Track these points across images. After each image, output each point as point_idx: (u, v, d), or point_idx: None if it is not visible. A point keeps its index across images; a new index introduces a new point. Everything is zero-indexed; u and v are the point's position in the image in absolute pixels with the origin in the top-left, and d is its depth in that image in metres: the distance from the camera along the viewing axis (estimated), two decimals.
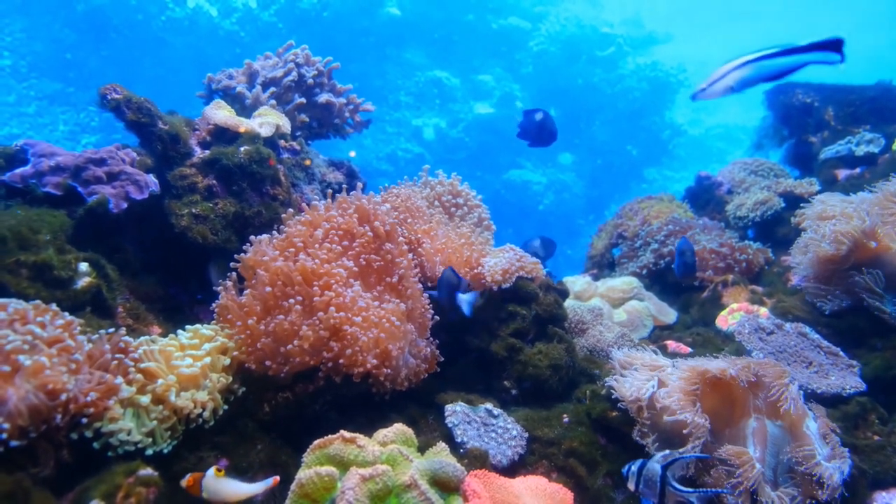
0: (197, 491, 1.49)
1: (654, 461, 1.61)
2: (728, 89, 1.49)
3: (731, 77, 1.46)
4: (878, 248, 2.45)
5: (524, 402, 2.22)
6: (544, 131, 2.61)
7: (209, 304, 2.09)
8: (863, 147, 3.81)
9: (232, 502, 1.51)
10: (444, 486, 1.46)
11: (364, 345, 1.82)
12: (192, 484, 1.49)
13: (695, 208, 4.37)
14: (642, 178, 15.86)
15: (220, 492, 1.49)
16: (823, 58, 1.40)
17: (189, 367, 1.73)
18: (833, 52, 1.37)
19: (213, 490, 1.48)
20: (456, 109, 14.38)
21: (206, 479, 1.49)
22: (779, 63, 1.45)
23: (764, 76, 1.47)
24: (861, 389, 2.26)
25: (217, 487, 1.48)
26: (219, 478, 1.49)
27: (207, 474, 1.49)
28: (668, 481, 1.56)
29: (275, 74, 3.08)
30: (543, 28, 15.26)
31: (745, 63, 1.44)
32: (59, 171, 2.18)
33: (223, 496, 1.49)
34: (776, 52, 1.44)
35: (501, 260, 2.42)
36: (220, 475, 1.49)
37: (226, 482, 1.49)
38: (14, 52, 12.02)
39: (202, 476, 1.50)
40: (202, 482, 1.48)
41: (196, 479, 1.49)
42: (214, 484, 1.48)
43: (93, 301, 1.93)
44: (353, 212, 2.16)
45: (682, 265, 2.75)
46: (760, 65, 1.45)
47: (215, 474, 1.48)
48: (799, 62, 1.43)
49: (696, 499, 1.56)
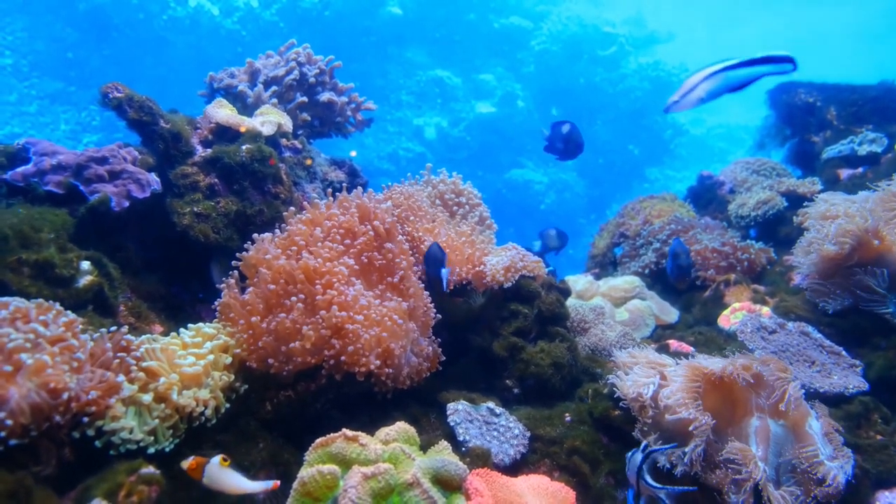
0: (198, 475, 1.47)
1: (639, 451, 1.65)
2: (699, 100, 1.54)
3: (701, 88, 1.51)
4: (881, 247, 2.44)
5: (526, 400, 2.22)
6: (571, 143, 2.58)
7: (211, 303, 2.08)
8: (865, 147, 3.80)
9: (228, 493, 1.49)
10: (447, 484, 1.46)
11: (366, 343, 1.81)
12: (194, 467, 1.48)
13: (697, 208, 4.36)
14: (644, 178, 15.85)
15: (221, 481, 1.47)
16: (779, 69, 1.48)
17: (191, 365, 1.72)
18: (787, 63, 1.46)
19: (215, 478, 1.47)
20: (457, 109, 14.38)
21: (210, 466, 1.47)
22: (742, 74, 1.52)
23: (729, 86, 1.53)
24: (864, 389, 2.25)
25: (219, 476, 1.47)
26: (223, 467, 1.47)
27: (212, 461, 1.48)
28: (641, 475, 1.59)
29: (276, 73, 3.07)
30: (545, 27, 15.26)
31: (713, 74, 1.50)
32: (60, 170, 2.18)
33: (222, 486, 1.47)
34: (738, 63, 1.51)
35: (503, 258, 2.41)
36: (224, 465, 1.47)
37: (229, 473, 1.48)
38: (15, 51, 12.03)
39: (206, 462, 1.48)
40: (205, 468, 1.47)
41: (199, 464, 1.48)
42: (217, 472, 1.47)
43: (94, 299, 1.93)
44: (355, 210, 2.16)
45: (675, 268, 2.72)
46: (726, 75, 1.52)
47: (220, 463, 1.47)
48: (759, 73, 1.51)
49: (665, 496, 1.58)
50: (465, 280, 2.37)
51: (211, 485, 1.47)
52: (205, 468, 1.47)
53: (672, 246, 2.71)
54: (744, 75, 1.54)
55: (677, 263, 2.70)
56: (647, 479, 1.60)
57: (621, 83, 15.12)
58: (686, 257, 2.73)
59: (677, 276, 2.74)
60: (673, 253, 2.72)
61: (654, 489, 1.59)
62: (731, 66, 1.51)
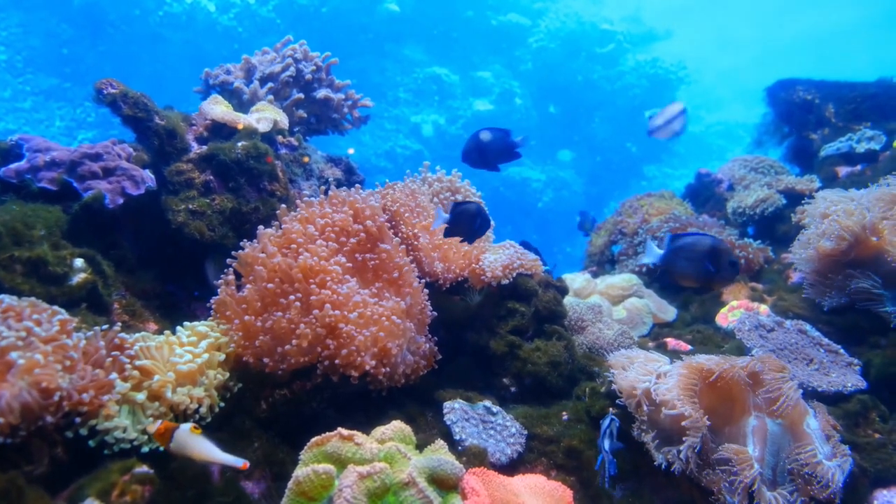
0: (165, 441, 1.44)
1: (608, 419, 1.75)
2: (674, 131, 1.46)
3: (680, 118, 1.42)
4: (879, 244, 2.44)
5: (523, 399, 2.21)
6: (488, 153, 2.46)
7: (206, 301, 2.07)
8: (863, 144, 3.79)
9: (197, 461, 1.46)
10: (443, 483, 1.45)
11: (361, 344, 1.80)
12: (162, 432, 1.44)
13: (695, 205, 4.36)
14: (642, 176, 15.87)
15: (189, 447, 1.43)
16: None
17: (186, 363, 1.71)
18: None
19: (183, 443, 1.43)
20: (455, 106, 14.37)
21: (179, 431, 1.44)
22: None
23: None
24: (862, 387, 2.25)
25: (189, 442, 1.43)
26: (194, 434, 1.44)
27: (182, 427, 1.45)
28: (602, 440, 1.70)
29: (273, 70, 3.06)
30: (543, 25, 15.25)
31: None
32: (54, 167, 2.16)
33: (191, 453, 1.44)
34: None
35: (501, 256, 2.40)
36: (196, 432, 1.44)
37: (199, 440, 1.44)
38: (10, 47, 11.97)
39: (175, 427, 1.45)
40: (174, 432, 1.44)
41: (168, 429, 1.44)
42: (187, 438, 1.43)
43: (88, 297, 1.91)
44: (348, 208, 2.15)
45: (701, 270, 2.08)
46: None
47: (191, 430, 1.44)
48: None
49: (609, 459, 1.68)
50: (461, 278, 2.36)
51: (178, 451, 1.44)
52: (173, 433, 1.44)
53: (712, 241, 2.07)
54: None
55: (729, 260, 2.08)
56: (604, 444, 1.68)
57: (619, 80, 15.13)
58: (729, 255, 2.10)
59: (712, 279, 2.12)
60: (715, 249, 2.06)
61: (603, 452, 1.69)
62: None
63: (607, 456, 1.67)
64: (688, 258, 2.00)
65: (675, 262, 2.03)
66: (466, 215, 2.20)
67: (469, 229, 2.20)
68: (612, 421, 1.75)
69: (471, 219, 2.18)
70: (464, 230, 2.21)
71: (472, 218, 2.19)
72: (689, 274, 2.02)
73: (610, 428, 1.72)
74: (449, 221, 2.19)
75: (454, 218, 2.19)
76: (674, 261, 2.03)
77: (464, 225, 2.19)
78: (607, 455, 1.68)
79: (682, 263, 2.02)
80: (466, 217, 2.20)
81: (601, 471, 1.70)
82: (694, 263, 2.00)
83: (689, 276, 2.03)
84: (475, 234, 2.24)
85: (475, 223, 2.20)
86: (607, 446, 1.69)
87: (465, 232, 2.22)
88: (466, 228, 2.20)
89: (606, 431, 1.71)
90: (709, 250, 1.98)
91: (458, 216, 2.18)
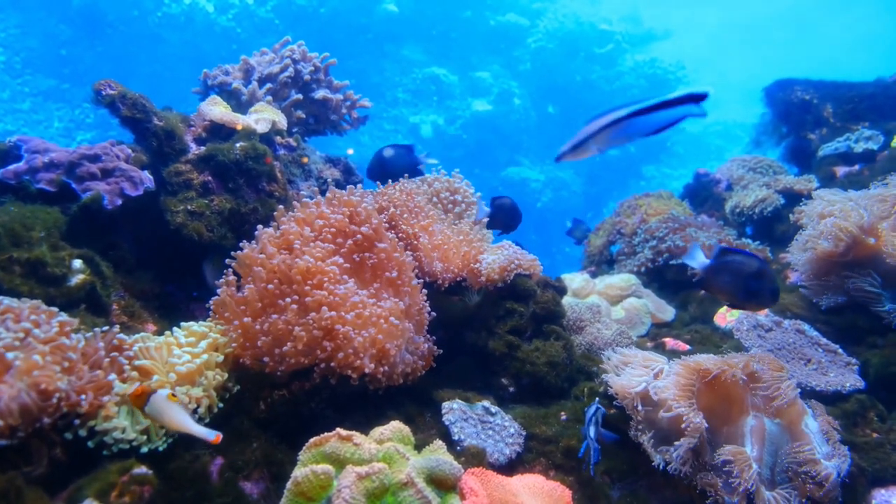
0: (140, 403, 1.43)
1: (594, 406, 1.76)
2: (598, 151, 1.42)
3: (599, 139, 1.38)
4: (877, 245, 2.44)
5: (522, 399, 2.21)
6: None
7: (205, 302, 2.07)
8: (861, 144, 3.80)
9: (169, 428, 1.45)
10: (441, 484, 1.45)
11: (360, 346, 1.80)
12: (139, 394, 1.43)
13: (693, 205, 4.36)
14: (641, 176, 15.87)
15: (164, 414, 1.42)
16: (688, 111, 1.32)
17: (185, 364, 1.71)
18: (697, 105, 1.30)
19: (158, 409, 1.42)
20: (454, 106, 14.36)
21: (156, 396, 1.43)
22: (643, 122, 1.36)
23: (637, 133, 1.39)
24: (860, 387, 2.25)
25: (164, 409, 1.42)
26: (170, 401, 1.43)
27: (159, 392, 1.44)
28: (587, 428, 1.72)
29: (271, 70, 3.06)
30: (541, 25, 15.25)
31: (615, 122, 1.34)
32: (53, 168, 2.16)
33: (164, 419, 1.43)
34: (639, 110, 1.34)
35: (499, 257, 2.40)
36: (172, 399, 1.43)
37: (175, 408, 1.43)
38: (8, 48, 11.97)
39: (152, 391, 1.44)
40: (150, 397, 1.42)
41: (144, 392, 1.43)
42: (162, 404, 1.42)
43: (87, 298, 1.92)
44: (346, 209, 2.15)
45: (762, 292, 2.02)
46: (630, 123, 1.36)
47: (168, 397, 1.43)
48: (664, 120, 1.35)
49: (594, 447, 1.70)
50: (460, 278, 2.36)
51: (152, 415, 1.43)
52: (149, 397, 1.43)
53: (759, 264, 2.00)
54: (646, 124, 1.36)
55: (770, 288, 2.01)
56: (589, 431, 1.71)
57: (618, 81, 15.14)
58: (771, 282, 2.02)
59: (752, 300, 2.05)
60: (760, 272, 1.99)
61: (588, 439, 1.71)
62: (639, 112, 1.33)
63: (592, 443, 1.69)
64: (732, 275, 2.00)
65: (719, 275, 2.02)
66: (504, 209, 2.34)
67: (506, 221, 2.32)
68: (597, 409, 1.76)
69: (509, 211, 2.29)
70: (501, 222, 2.34)
71: (509, 211, 2.30)
72: (729, 290, 2.02)
73: (595, 416, 1.73)
74: (490, 215, 2.31)
75: (494, 211, 2.32)
76: (717, 273, 2.03)
77: (502, 217, 2.33)
78: (592, 442, 1.69)
79: (726, 278, 2.02)
80: (505, 210, 2.34)
81: (585, 457, 1.71)
82: (737, 282, 1.99)
83: (728, 292, 2.03)
84: (511, 227, 2.38)
85: (511, 216, 2.34)
86: (592, 433, 1.71)
87: (503, 224, 2.35)
88: (504, 220, 2.33)
89: (591, 419, 1.73)
90: (754, 272, 1.97)
91: (497, 210, 2.31)
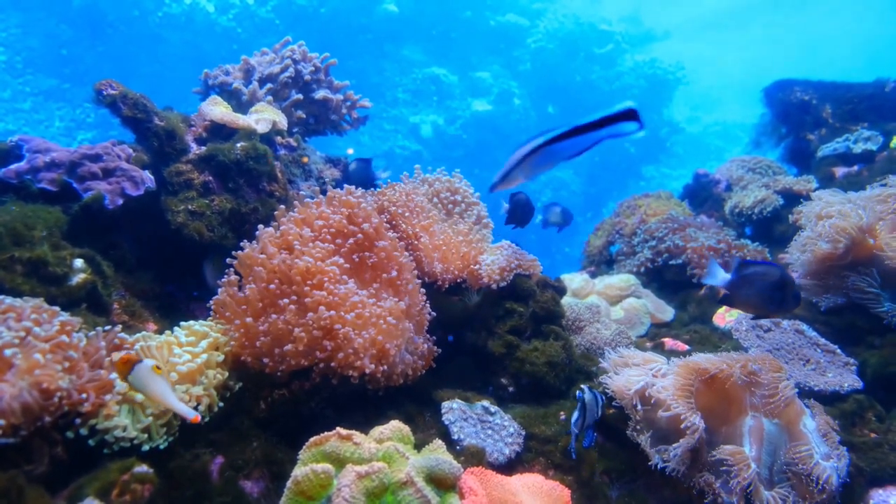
0: (125, 371, 1.42)
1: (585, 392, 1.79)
2: (526, 179, 1.43)
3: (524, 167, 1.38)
4: (875, 246, 2.45)
5: (521, 399, 2.22)
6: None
7: (205, 301, 2.07)
8: (860, 144, 3.81)
9: (151, 400, 1.44)
10: (441, 483, 1.45)
11: (360, 346, 1.80)
12: (125, 361, 1.43)
13: (693, 206, 4.37)
14: (640, 176, 15.89)
15: (147, 385, 1.42)
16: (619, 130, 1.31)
17: (185, 363, 1.72)
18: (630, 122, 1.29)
19: (142, 380, 1.42)
20: (454, 106, 14.37)
21: (141, 365, 1.42)
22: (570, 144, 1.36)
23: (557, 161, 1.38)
24: (858, 387, 2.26)
25: (147, 380, 1.41)
26: (154, 372, 1.42)
27: (145, 362, 1.43)
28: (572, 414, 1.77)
29: (271, 71, 3.06)
30: (541, 25, 15.27)
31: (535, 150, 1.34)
32: (54, 167, 2.17)
33: (146, 390, 1.43)
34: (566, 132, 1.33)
35: (499, 257, 2.41)
36: (157, 371, 1.43)
37: (157, 380, 1.42)
38: (9, 48, 11.97)
39: (138, 360, 1.43)
40: (135, 366, 1.42)
41: (130, 360, 1.42)
42: (147, 376, 1.41)
43: (88, 297, 1.92)
44: (345, 210, 2.15)
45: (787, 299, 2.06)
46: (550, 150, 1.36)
47: (153, 368, 1.42)
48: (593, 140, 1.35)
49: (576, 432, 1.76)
50: (460, 278, 2.37)
51: (135, 385, 1.43)
52: (135, 366, 1.42)
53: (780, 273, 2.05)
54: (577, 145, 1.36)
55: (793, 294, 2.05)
56: (573, 417, 1.75)
57: (617, 81, 15.15)
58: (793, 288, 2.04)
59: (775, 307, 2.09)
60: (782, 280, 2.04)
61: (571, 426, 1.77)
62: (557, 139, 1.33)
63: (573, 429, 1.74)
64: (755, 287, 2.02)
65: (742, 288, 2.04)
66: (521, 205, 2.44)
67: (521, 216, 2.41)
68: (583, 395, 1.79)
69: (524, 207, 2.39)
70: (519, 217, 2.43)
71: (524, 206, 2.40)
72: (754, 302, 2.04)
73: (583, 400, 1.76)
74: (509, 211, 2.54)
75: (513, 207, 2.41)
76: (740, 287, 2.05)
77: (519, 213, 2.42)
78: (574, 428, 1.74)
79: (749, 291, 2.04)
80: (521, 206, 2.45)
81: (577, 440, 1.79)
82: (760, 293, 2.01)
83: (753, 304, 2.05)
84: (524, 221, 2.48)
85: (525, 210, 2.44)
86: (575, 417, 1.75)
87: (519, 219, 2.44)
88: (520, 216, 2.42)
89: (580, 404, 1.76)
90: (777, 281, 2.00)
91: (515, 205, 2.41)
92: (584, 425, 1.75)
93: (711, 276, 2.10)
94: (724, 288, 2.08)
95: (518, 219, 2.57)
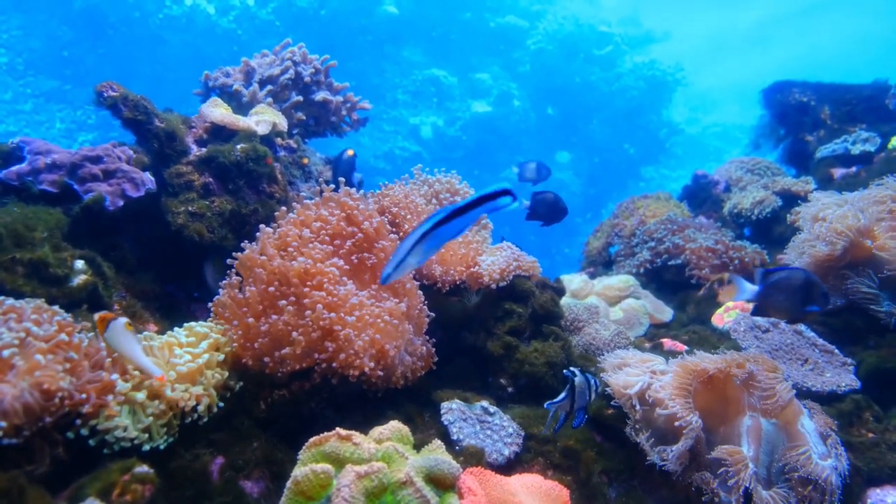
0: (102, 328, 1.49)
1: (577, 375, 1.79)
2: (418, 263, 1.48)
3: (415, 253, 1.43)
4: (874, 247, 2.46)
5: (520, 399, 2.22)
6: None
7: (206, 302, 2.08)
8: (859, 146, 3.82)
9: (123, 358, 1.51)
10: (440, 483, 1.46)
11: (360, 348, 1.81)
12: (102, 319, 1.50)
13: (691, 207, 4.38)
14: (640, 177, 15.90)
15: (118, 343, 1.49)
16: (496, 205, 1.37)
17: (186, 364, 1.72)
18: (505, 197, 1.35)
19: (115, 338, 1.48)
20: (453, 108, 14.39)
21: (115, 322, 1.48)
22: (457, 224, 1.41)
23: (446, 238, 1.44)
24: (856, 387, 2.27)
25: (119, 336, 1.49)
26: (126, 330, 1.48)
27: (119, 320, 1.49)
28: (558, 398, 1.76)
29: (272, 72, 3.07)
30: (541, 26, 15.28)
31: (423, 236, 1.39)
32: (55, 169, 2.18)
33: (117, 347, 1.49)
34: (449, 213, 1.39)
35: (499, 258, 2.42)
36: (129, 328, 1.48)
37: (128, 339, 1.49)
38: (10, 50, 11.99)
39: (114, 318, 1.49)
40: (110, 324, 1.48)
41: (106, 319, 1.49)
42: (119, 333, 1.48)
43: (89, 298, 1.93)
44: (341, 211, 2.16)
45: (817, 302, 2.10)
46: (437, 233, 1.41)
47: (125, 326, 1.48)
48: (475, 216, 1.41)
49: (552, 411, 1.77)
50: (459, 279, 2.37)
51: (109, 342, 1.49)
52: (110, 323, 1.48)
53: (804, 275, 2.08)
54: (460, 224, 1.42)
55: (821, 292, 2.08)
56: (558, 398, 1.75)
57: (617, 82, 15.16)
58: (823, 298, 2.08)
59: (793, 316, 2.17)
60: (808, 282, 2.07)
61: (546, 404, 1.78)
62: (442, 221, 1.39)
63: (552, 408, 1.76)
64: (783, 293, 2.05)
65: (771, 296, 2.07)
66: (547, 203, 2.48)
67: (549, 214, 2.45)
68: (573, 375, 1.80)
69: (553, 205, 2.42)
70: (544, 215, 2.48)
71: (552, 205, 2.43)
72: (786, 308, 2.07)
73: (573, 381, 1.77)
74: (530, 208, 2.61)
75: (534, 205, 2.45)
76: (769, 296, 2.08)
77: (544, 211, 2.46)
78: (552, 408, 1.76)
79: (779, 298, 2.07)
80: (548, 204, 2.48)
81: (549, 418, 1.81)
82: (790, 297, 2.04)
83: (785, 309, 2.09)
84: (551, 219, 2.52)
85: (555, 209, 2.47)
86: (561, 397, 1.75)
87: (545, 216, 2.48)
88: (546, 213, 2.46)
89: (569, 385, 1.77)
90: (803, 284, 2.03)
91: (538, 203, 2.46)
92: (575, 407, 1.76)
93: (741, 293, 2.13)
94: (755, 299, 2.10)
95: (543, 216, 2.60)
